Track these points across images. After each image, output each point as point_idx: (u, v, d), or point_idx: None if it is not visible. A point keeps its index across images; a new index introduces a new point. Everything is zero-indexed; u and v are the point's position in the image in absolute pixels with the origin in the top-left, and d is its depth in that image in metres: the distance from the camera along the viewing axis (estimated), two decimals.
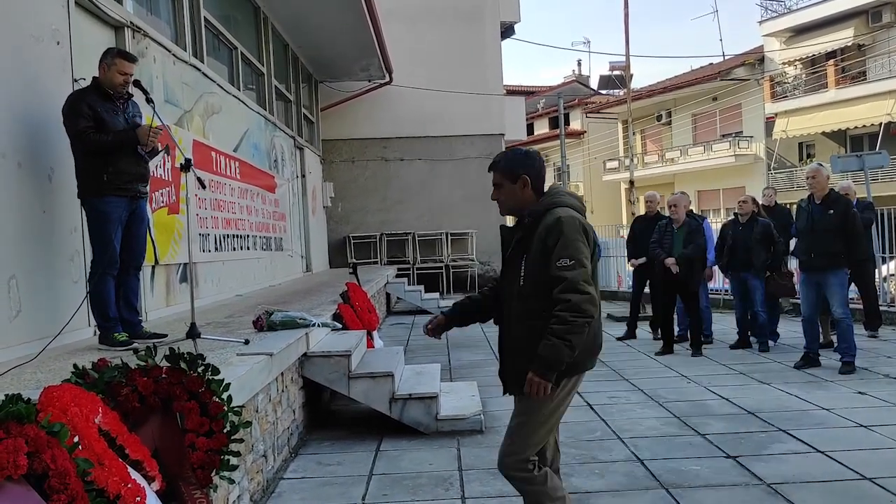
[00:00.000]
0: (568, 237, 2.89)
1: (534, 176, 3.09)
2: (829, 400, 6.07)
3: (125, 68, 4.60)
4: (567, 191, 3.19)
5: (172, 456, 2.92)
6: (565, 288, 2.83)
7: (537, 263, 2.94)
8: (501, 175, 3.13)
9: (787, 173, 28.50)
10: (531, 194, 3.09)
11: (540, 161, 3.17)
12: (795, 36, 28.05)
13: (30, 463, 2.12)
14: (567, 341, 2.82)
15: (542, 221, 2.97)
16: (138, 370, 3.01)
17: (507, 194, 3.13)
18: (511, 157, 3.17)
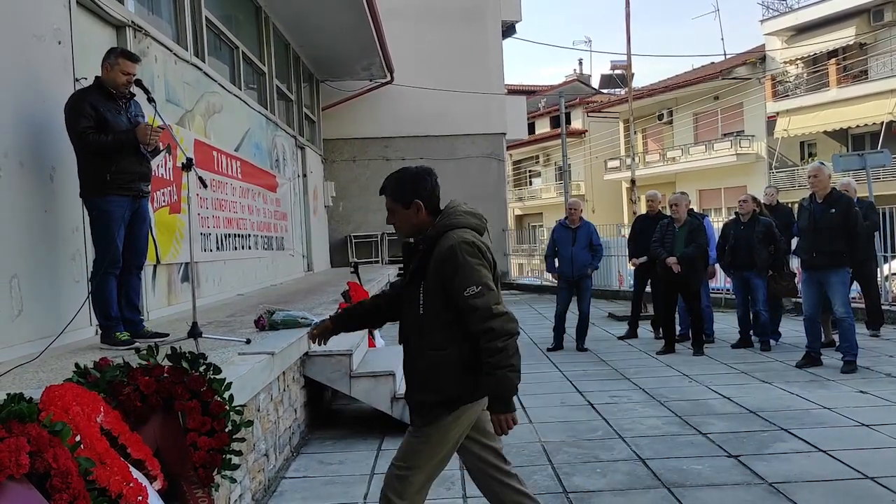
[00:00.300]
0: (465, 264, 2.75)
1: (427, 198, 2.91)
2: (831, 399, 6.06)
3: (128, 68, 4.60)
4: (464, 209, 2.97)
5: (174, 455, 2.92)
6: (482, 317, 2.72)
7: (436, 295, 2.80)
8: (392, 201, 2.95)
9: (788, 172, 28.47)
10: (426, 217, 2.92)
11: (432, 180, 2.97)
12: (797, 35, 28.03)
13: (32, 462, 2.12)
14: (509, 367, 2.74)
15: (437, 248, 2.81)
16: (140, 369, 3.01)
17: (402, 220, 2.96)
18: (401, 180, 2.94)
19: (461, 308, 2.74)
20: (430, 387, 2.84)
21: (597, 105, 37.40)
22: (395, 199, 2.94)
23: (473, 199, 14.76)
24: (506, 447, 5.03)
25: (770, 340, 8.58)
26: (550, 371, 7.86)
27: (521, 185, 43.57)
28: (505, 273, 19.33)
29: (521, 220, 42.56)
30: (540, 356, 8.84)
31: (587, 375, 7.52)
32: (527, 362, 8.44)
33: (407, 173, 2.97)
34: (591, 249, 8.97)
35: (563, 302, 9.14)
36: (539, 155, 42.08)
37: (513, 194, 38.45)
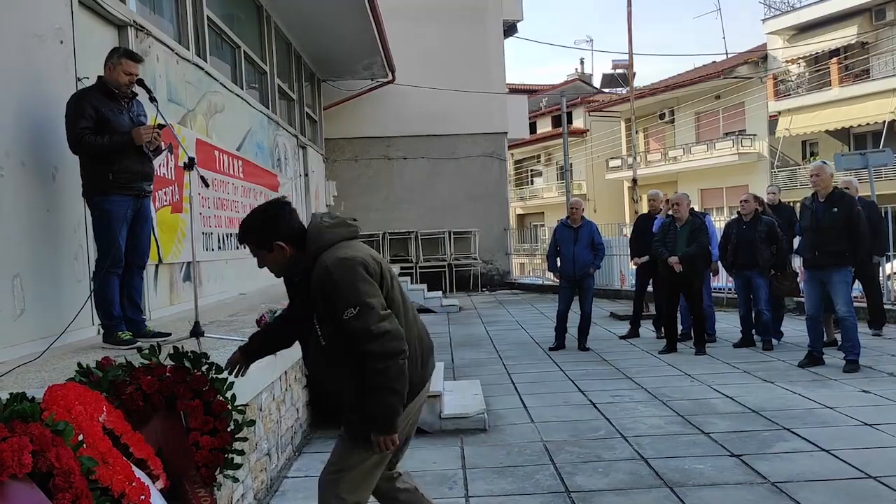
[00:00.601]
0: (342, 284, 2.64)
1: (286, 235, 2.77)
2: (834, 398, 6.05)
3: (131, 69, 4.59)
4: (327, 223, 2.83)
5: (176, 454, 2.93)
6: (363, 339, 2.63)
7: (329, 321, 2.72)
8: (255, 248, 2.84)
9: (790, 172, 28.45)
10: (294, 252, 2.78)
11: (285, 212, 2.82)
12: (799, 34, 28.00)
13: (34, 461, 2.12)
14: (389, 389, 2.64)
15: (313, 276, 2.70)
16: (142, 369, 3.01)
17: (271, 262, 2.83)
18: (254, 228, 2.82)
19: (345, 331, 2.66)
20: (356, 408, 2.78)
21: (598, 104, 37.37)
22: (257, 247, 2.82)
23: (475, 198, 14.92)
24: (508, 447, 5.08)
25: (772, 340, 8.57)
26: (552, 370, 7.86)
27: (522, 185, 43.57)
28: (507, 272, 19.34)
29: (523, 219, 42.56)
30: (542, 355, 8.84)
31: (589, 375, 7.52)
32: (529, 362, 8.54)
33: (257, 219, 2.83)
34: (593, 249, 8.97)
35: (564, 301, 9.13)
36: (540, 154, 42.06)
37: (514, 194, 38.45)
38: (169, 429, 2.98)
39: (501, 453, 4.99)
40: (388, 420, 2.68)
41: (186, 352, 3.14)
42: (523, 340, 10.10)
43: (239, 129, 9.47)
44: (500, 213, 18.93)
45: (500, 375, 7.68)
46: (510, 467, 4.69)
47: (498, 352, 9.22)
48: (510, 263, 19.93)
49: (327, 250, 2.72)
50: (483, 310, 14.35)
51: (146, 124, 4.63)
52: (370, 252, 2.84)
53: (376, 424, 2.69)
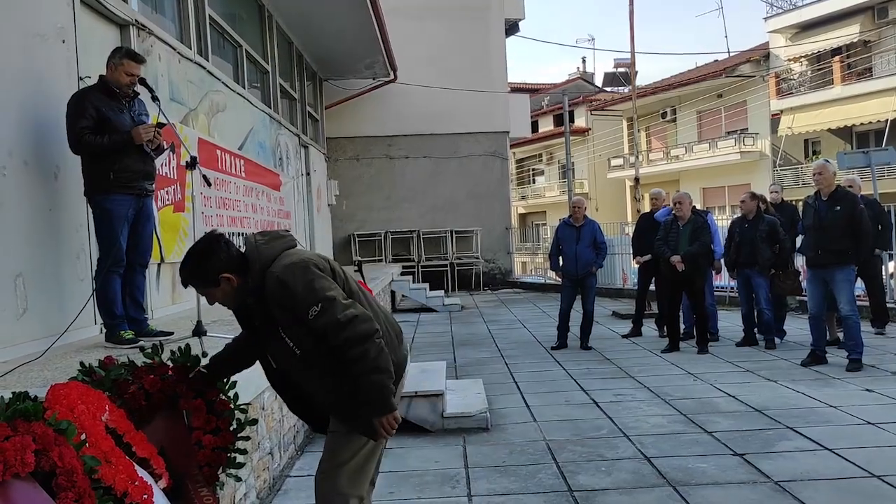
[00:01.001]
0: (297, 288, 2.65)
1: (227, 265, 2.74)
2: (837, 397, 6.04)
3: (132, 69, 4.58)
4: (262, 241, 2.80)
5: (179, 453, 2.92)
6: (332, 332, 2.63)
7: (297, 329, 2.70)
8: (203, 288, 2.84)
9: (792, 170, 28.42)
10: (240, 279, 2.75)
11: (219, 245, 2.78)
12: (801, 32, 27.96)
13: (37, 460, 2.12)
14: (373, 369, 2.64)
15: (266, 292, 2.69)
16: (145, 368, 3.01)
17: (222, 297, 2.81)
18: (196, 267, 2.79)
19: (317, 329, 2.65)
20: (343, 415, 2.80)
21: (600, 103, 37.35)
22: (203, 286, 2.82)
23: (476, 197, 14.92)
24: (510, 446, 5.08)
25: (775, 339, 8.55)
26: (554, 369, 7.86)
27: (524, 184, 43.56)
28: (508, 271, 19.34)
29: (525, 218, 42.55)
30: (544, 354, 8.83)
31: (591, 374, 7.51)
32: (531, 360, 8.52)
33: (194, 260, 2.79)
34: (595, 247, 8.96)
35: (566, 300, 9.13)
36: (542, 153, 42.04)
37: (516, 193, 38.44)
38: (171, 428, 2.97)
39: (504, 452, 4.98)
40: (384, 399, 2.67)
41: (188, 351, 3.14)
42: (525, 339, 10.10)
43: (241, 129, 9.48)
44: (501, 213, 18.92)
45: (503, 374, 7.68)
46: (513, 466, 4.68)
47: (500, 351, 9.22)
48: (512, 262, 19.93)
49: (272, 264, 2.72)
50: (485, 309, 14.35)
51: (146, 123, 4.62)
52: (315, 253, 2.87)
53: (374, 407, 2.68)
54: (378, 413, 2.68)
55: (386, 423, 2.69)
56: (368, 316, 2.70)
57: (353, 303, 2.71)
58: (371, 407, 2.68)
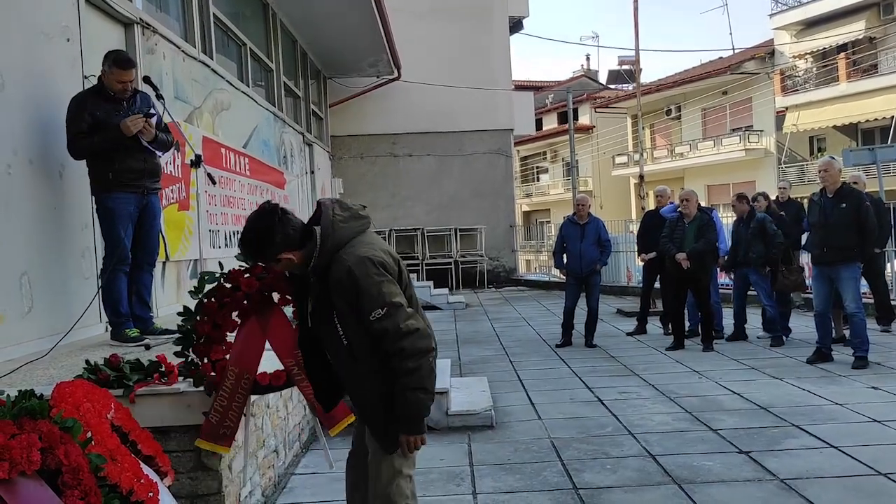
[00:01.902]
0: (366, 286, 2.58)
1: (289, 241, 2.65)
2: (842, 395, 6.03)
3: (120, 77, 4.50)
4: (340, 216, 2.69)
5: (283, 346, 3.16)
6: (392, 339, 2.58)
7: (351, 322, 2.64)
8: (266, 264, 2.83)
9: (797, 167, 28.35)
10: (302, 254, 2.67)
11: (278, 222, 2.65)
12: (806, 29, 27.87)
13: (43, 458, 2.13)
14: (421, 389, 2.61)
15: (330, 275, 2.62)
16: (240, 271, 3.16)
17: (284, 269, 2.79)
18: (255, 248, 2.71)
19: (371, 332, 2.61)
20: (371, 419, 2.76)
21: (604, 101, 37.31)
22: (266, 262, 2.79)
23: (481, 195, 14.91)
24: (515, 444, 5.07)
25: (782, 336, 8.56)
26: (559, 367, 7.85)
27: (528, 181, 43.53)
28: (512, 269, 19.33)
29: (529, 216, 42.53)
30: (548, 352, 8.83)
31: (596, 371, 7.50)
32: (535, 358, 8.51)
33: (253, 238, 2.69)
34: (600, 245, 8.95)
35: (571, 298, 9.12)
36: (546, 151, 42.01)
37: (520, 190, 38.40)
38: (276, 325, 3.17)
39: (509, 450, 4.98)
40: (419, 420, 2.66)
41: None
42: (530, 337, 10.09)
43: (245, 127, 9.48)
44: (506, 210, 18.90)
45: (507, 372, 7.67)
46: (518, 464, 4.68)
47: (504, 348, 9.21)
48: (516, 260, 19.91)
49: (344, 247, 2.63)
50: (489, 306, 14.35)
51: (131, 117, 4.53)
52: (387, 248, 2.79)
53: (406, 425, 2.65)
54: (408, 431, 2.66)
55: (413, 443, 2.68)
56: (428, 333, 2.67)
57: (414, 313, 2.67)
58: (404, 424, 2.66)
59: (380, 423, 2.73)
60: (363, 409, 2.81)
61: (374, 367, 2.67)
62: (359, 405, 2.83)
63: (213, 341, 3.20)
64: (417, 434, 2.67)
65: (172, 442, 3.26)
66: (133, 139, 4.48)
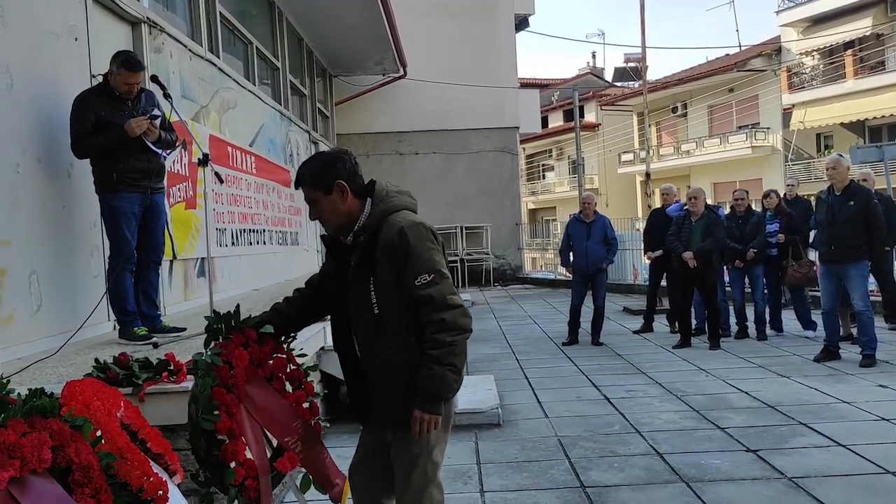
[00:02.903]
0: (417, 249, 2.49)
1: (350, 179, 2.58)
2: (850, 393, 6.01)
3: (128, 79, 4.49)
4: (394, 189, 2.69)
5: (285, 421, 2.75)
6: (435, 307, 2.47)
7: (390, 287, 2.52)
8: (312, 189, 2.60)
9: (804, 165, 28.25)
10: (355, 202, 2.59)
11: (351, 160, 2.64)
12: (813, 26, 27.76)
13: (54, 457, 2.13)
14: (451, 366, 2.48)
15: (380, 235, 2.53)
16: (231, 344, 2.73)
17: (328, 209, 2.60)
18: (317, 165, 2.62)
19: (413, 298, 2.50)
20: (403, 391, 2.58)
21: (610, 98, 37.25)
22: (314, 187, 2.59)
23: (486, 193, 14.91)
24: (522, 442, 5.07)
25: (808, 332, 8.74)
26: (566, 365, 7.84)
27: (534, 179, 43.49)
28: (518, 267, 19.31)
29: (535, 214, 42.48)
30: (555, 350, 8.82)
31: (603, 369, 7.50)
32: (542, 357, 8.51)
33: (322, 155, 2.66)
34: (606, 243, 8.94)
35: (578, 296, 9.11)
36: (552, 149, 41.97)
37: (526, 188, 38.39)
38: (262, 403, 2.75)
39: (516, 448, 4.98)
40: (439, 399, 2.52)
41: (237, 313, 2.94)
42: (536, 335, 10.08)
43: (252, 125, 9.50)
44: (511, 208, 18.90)
45: (514, 370, 7.67)
46: (525, 462, 4.68)
47: (511, 347, 9.21)
48: (522, 258, 19.91)
49: (395, 213, 2.57)
50: (495, 305, 14.35)
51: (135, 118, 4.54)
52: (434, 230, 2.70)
53: (425, 401, 2.50)
54: (426, 409, 2.51)
55: (427, 422, 2.52)
56: (470, 314, 2.56)
57: (456, 292, 2.58)
58: (423, 399, 2.51)
59: (397, 400, 2.60)
60: (382, 388, 2.65)
61: (401, 343, 2.55)
62: (383, 388, 2.65)
63: (235, 435, 2.59)
64: (435, 414, 2.52)
65: (181, 440, 3.26)
66: (137, 139, 4.48)
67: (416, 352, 2.54)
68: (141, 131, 4.46)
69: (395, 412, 2.60)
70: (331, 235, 2.70)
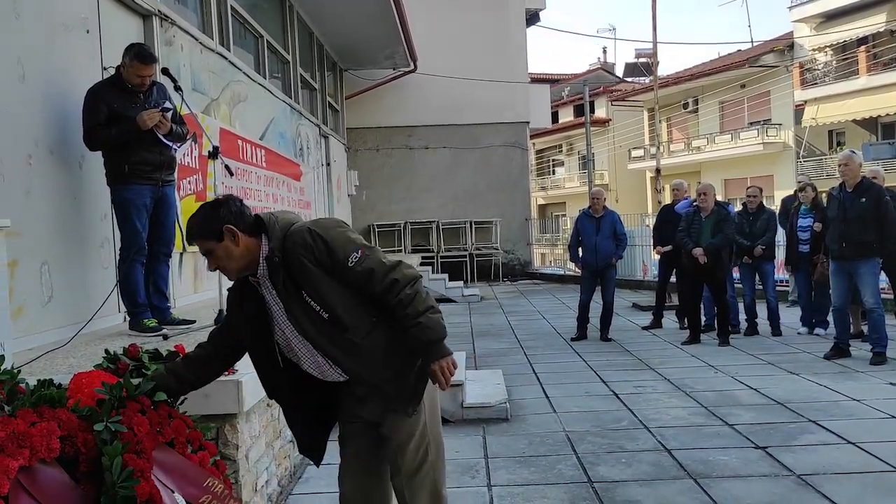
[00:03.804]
0: (333, 236, 2.50)
1: (237, 221, 2.54)
2: (860, 391, 5.98)
3: (141, 71, 4.51)
4: (279, 212, 2.68)
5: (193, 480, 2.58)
6: (380, 275, 2.48)
7: (325, 286, 2.50)
8: (203, 240, 2.56)
9: (816, 161, 28.09)
10: (251, 241, 2.55)
11: (235, 203, 2.60)
12: (826, 22, 27.57)
13: (62, 446, 2.15)
14: (429, 309, 2.50)
15: (292, 246, 2.49)
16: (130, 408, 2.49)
17: (224, 256, 2.55)
18: (201, 216, 2.59)
19: (354, 278, 2.49)
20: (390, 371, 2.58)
21: (621, 93, 37.09)
22: (203, 237, 2.56)
23: (496, 188, 14.90)
24: (530, 436, 5.07)
25: (818, 329, 8.73)
26: (574, 360, 7.84)
27: (544, 174, 43.38)
28: (528, 262, 19.30)
29: (544, 209, 42.40)
30: (564, 346, 8.81)
31: (611, 365, 7.49)
32: (550, 352, 8.50)
33: (205, 206, 2.63)
34: (615, 239, 8.92)
35: (587, 291, 9.09)
36: (562, 144, 41.85)
37: (536, 183, 38.28)
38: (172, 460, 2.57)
39: (523, 443, 4.98)
40: (441, 338, 2.53)
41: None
42: (545, 330, 10.07)
43: (262, 119, 9.51)
44: (521, 203, 18.86)
45: (522, 365, 7.67)
46: (532, 457, 4.68)
47: (519, 342, 9.21)
48: (531, 253, 19.89)
49: (293, 226, 2.55)
50: (504, 300, 14.34)
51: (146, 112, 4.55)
52: None
53: (431, 348, 2.53)
54: (439, 355, 2.52)
55: (446, 367, 2.53)
56: (409, 264, 2.57)
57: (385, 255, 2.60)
58: (431, 351, 2.53)
59: (406, 382, 2.60)
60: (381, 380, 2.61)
61: (366, 327, 2.55)
62: (373, 379, 2.61)
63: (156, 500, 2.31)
64: (448, 355, 2.53)
65: None
66: (149, 132, 4.50)
67: (384, 326, 2.56)
68: (153, 124, 4.47)
69: (388, 400, 2.61)
70: (237, 281, 2.66)
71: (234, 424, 3.35)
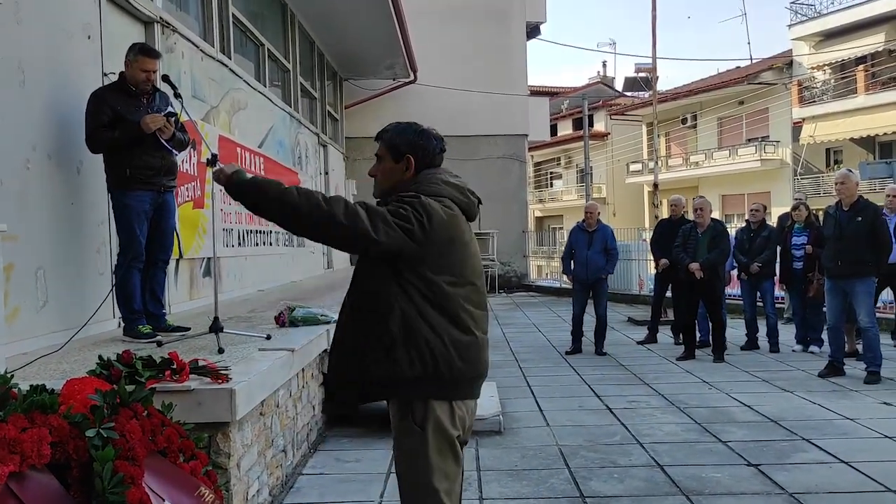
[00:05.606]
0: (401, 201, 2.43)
1: (422, 158, 2.55)
2: (854, 410, 5.98)
3: (147, 65, 4.55)
4: (449, 179, 2.58)
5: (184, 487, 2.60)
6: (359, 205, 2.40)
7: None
8: (385, 148, 2.59)
9: (813, 179, 28.17)
10: (411, 178, 2.56)
11: (435, 144, 2.60)
12: (825, 40, 27.70)
13: (53, 452, 2.14)
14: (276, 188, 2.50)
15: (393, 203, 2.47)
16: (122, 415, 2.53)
17: (384, 172, 2.60)
18: (402, 130, 2.60)
19: None
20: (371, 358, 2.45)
21: (620, 108, 37.20)
22: (388, 147, 2.58)
23: (493, 200, 14.76)
24: (523, 450, 5.06)
25: (813, 347, 8.76)
26: (569, 374, 7.83)
27: (541, 187, 43.45)
28: (524, 275, 19.30)
29: (542, 221, 42.42)
30: (558, 359, 8.81)
31: (606, 379, 7.48)
32: (545, 365, 8.50)
33: (413, 126, 2.61)
34: (607, 254, 8.94)
35: (578, 304, 9.11)
36: (561, 157, 41.93)
37: (533, 196, 38.32)
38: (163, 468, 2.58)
39: (516, 456, 4.97)
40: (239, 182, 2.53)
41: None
42: (540, 343, 10.07)
43: (261, 127, 9.52)
44: (518, 216, 18.89)
45: (517, 378, 7.66)
46: (525, 471, 4.67)
47: (514, 354, 9.20)
48: (528, 266, 19.89)
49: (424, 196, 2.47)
50: (500, 312, 14.33)
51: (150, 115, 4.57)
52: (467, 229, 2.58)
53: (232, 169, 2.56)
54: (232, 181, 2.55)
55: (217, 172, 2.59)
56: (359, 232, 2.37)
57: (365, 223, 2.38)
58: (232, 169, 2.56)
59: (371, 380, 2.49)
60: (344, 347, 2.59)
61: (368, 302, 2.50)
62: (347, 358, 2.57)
63: None
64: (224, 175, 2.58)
65: None
66: (151, 136, 4.51)
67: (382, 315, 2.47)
68: (157, 127, 4.49)
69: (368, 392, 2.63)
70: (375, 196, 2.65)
71: (227, 433, 3.34)
